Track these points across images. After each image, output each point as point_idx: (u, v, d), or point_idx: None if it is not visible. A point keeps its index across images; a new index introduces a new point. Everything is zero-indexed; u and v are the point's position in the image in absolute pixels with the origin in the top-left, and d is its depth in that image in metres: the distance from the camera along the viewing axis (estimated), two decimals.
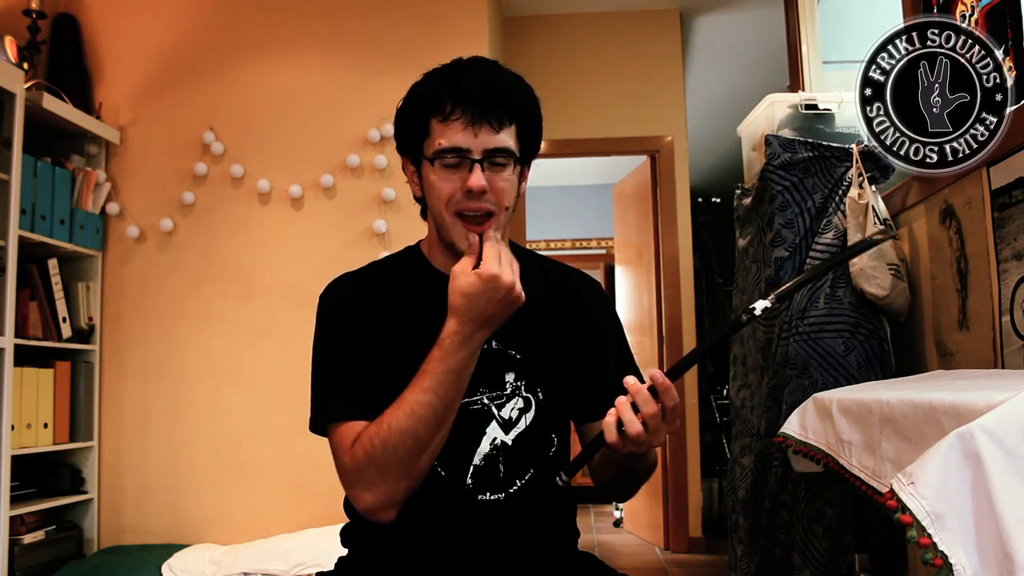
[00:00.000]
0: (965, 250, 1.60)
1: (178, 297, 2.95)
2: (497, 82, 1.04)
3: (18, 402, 2.44)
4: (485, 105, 1.01)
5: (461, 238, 1.03)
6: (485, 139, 1.01)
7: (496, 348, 1.10)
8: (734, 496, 2.16)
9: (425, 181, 1.07)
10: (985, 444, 0.67)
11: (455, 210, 1.03)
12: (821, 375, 1.79)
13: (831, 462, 1.15)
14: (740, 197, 2.27)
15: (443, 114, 1.02)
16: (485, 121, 1.01)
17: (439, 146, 1.02)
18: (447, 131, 1.02)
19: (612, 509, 4.74)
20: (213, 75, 3.04)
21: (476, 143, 1.01)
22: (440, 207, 1.04)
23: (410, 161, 1.11)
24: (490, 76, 1.04)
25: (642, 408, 0.89)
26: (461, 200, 1.02)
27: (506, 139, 1.03)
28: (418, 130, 1.06)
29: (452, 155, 1.02)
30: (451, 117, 1.02)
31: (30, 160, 2.55)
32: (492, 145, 1.02)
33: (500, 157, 1.03)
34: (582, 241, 6.33)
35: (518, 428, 1.09)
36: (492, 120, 1.02)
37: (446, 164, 1.03)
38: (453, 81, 1.03)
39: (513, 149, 1.04)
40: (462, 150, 1.01)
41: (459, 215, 1.03)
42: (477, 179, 1.00)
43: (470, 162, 1.01)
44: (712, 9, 3.90)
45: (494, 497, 1.07)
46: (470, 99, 1.01)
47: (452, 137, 1.01)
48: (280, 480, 2.80)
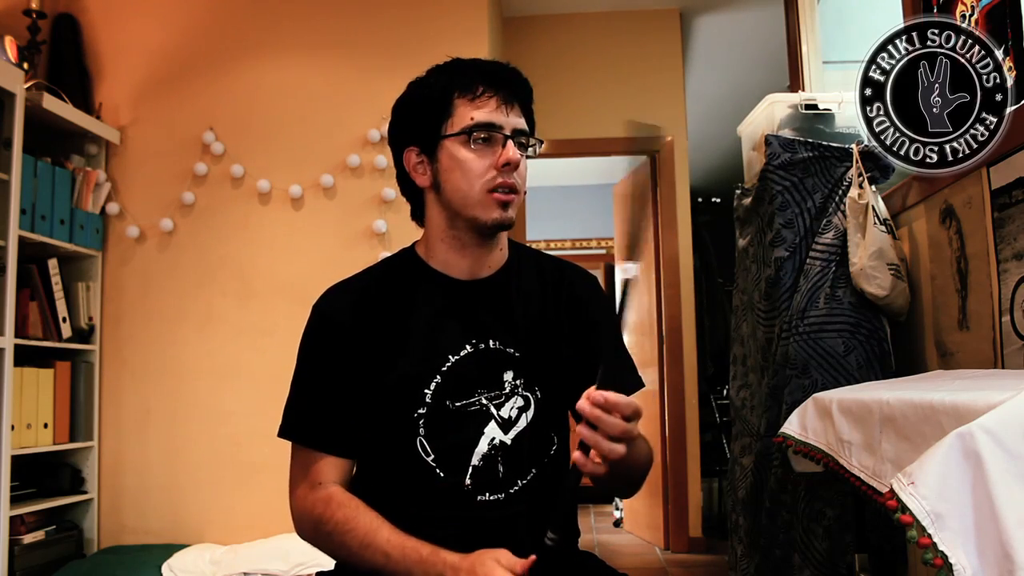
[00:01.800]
0: (965, 250, 1.60)
1: (178, 297, 2.95)
2: (515, 70, 1.08)
3: (18, 402, 2.44)
4: (512, 87, 1.06)
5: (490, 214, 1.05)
6: (514, 119, 1.06)
7: (494, 347, 1.10)
8: (734, 496, 2.16)
9: (448, 161, 1.06)
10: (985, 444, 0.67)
11: (489, 187, 1.04)
12: (821, 375, 1.79)
13: (831, 462, 1.15)
14: (740, 197, 2.27)
15: (473, 92, 1.05)
16: (515, 101, 1.06)
17: (472, 121, 1.04)
18: (479, 109, 1.04)
19: (612, 509, 4.74)
20: (213, 75, 3.04)
21: (508, 121, 1.05)
22: (470, 184, 1.05)
23: (417, 149, 1.10)
24: (507, 66, 1.09)
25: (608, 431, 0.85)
26: (496, 176, 1.04)
27: (526, 123, 1.08)
28: (437, 112, 1.06)
29: (485, 130, 1.04)
30: (482, 95, 1.04)
31: (30, 160, 2.55)
32: (519, 125, 1.06)
33: (524, 139, 1.07)
34: (582, 241, 6.33)
35: (518, 427, 1.09)
36: (518, 102, 1.06)
37: (479, 140, 1.04)
38: (477, 64, 1.07)
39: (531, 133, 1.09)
40: (496, 126, 1.04)
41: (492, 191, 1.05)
42: (512, 152, 1.04)
43: (503, 137, 1.04)
44: (712, 9, 3.90)
45: (493, 497, 1.07)
46: (499, 80, 1.05)
47: (485, 114, 1.04)
48: (280, 480, 2.75)
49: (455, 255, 1.11)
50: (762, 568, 1.94)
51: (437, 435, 1.06)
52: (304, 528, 1.06)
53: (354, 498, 1.04)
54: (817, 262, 1.88)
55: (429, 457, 1.06)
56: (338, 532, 1.00)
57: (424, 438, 1.06)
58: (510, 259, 1.16)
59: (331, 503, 1.03)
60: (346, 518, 1.00)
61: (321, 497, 1.04)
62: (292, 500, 1.08)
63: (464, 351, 1.08)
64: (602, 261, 6.14)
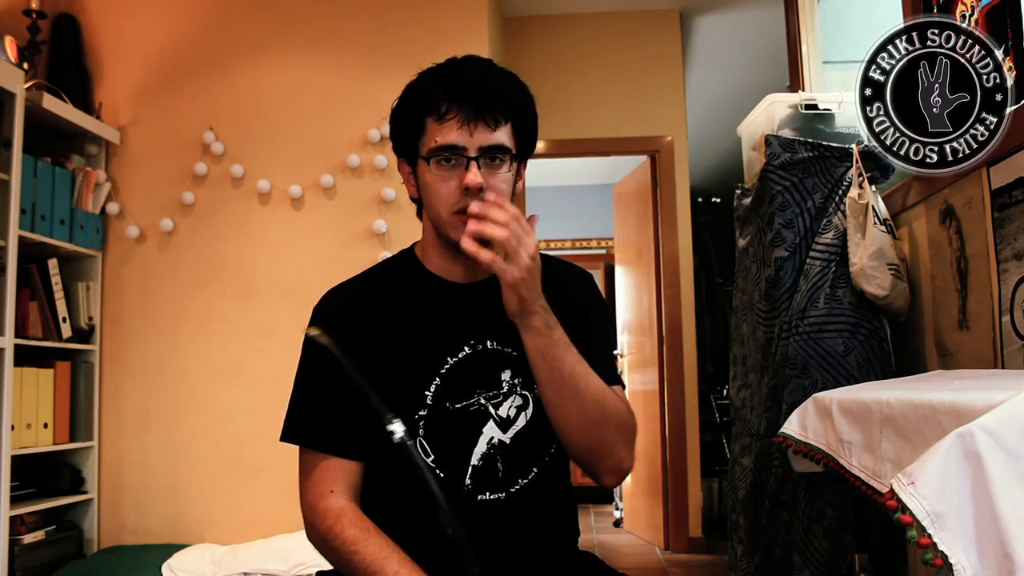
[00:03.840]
0: (965, 250, 1.60)
1: (178, 297, 2.95)
2: (491, 80, 1.04)
3: (18, 402, 2.44)
4: (479, 103, 1.01)
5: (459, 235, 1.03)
6: (481, 137, 1.01)
7: (492, 347, 1.10)
8: (734, 496, 2.16)
9: (421, 181, 1.07)
10: (985, 444, 0.67)
11: (455, 209, 1.03)
12: (821, 375, 1.79)
13: (831, 462, 1.15)
14: (740, 197, 2.27)
15: (438, 113, 1.02)
16: (480, 119, 1.01)
17: (435, 144, 1.02)
18: (442, 129, 1.02)
19: (612, 509, 4.74)
20: (213, 75, 3.04)
21: (472, 141, 1.01)
22: (439, 207, 1.04)
23: (406, 161, 1.11)
24: (484, 74, 1.04)
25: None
26: (460, 199, 1.02)
27: (501, 137, 1.03)
28: (413, 129, 1.06)
29: (448, 153, 1.02)
30: (446, 116, 1.02)
31: (30, 160, 2.55)
32: (488, 143, 1.02)
33: (496, 155, 1.03)
34: (582, 241, 6.33)
35: (517, 426, 1.09)
36: (487, 118, 1.02)
37: (442, 162, 1.03)
38: (447, 80, 1.03)
39: (509, 146, 1.04)
40: (458, 148, 1.01)
41: (459, 213, 1.03)
42: (474, 176, 1.00)
43: (466, 160, 1.01)
44: (712, 9, 3.90)
45: (494, 497, 1.07)
46: (465, 97, 1.01)
47: (447, 135, 1.01)
48: (280, 480, 2.79)
49: (447, 262, 1.11)
50: (762, 568, 1.94)
51: (437, 436, 1.06)
52: (313, 537, 1.05)
53: (367, 520, 1.01)
54: (817, 262, 1.88)
55: (429, 458, 1.06)
56: (345, 551, 0.98)
57: (424, 439, 1.06)
58: None
59: (342, 519, 1.00)
60: (355, 539, 0.98)
61: (332, 509, 1.02)
62: (302, 506, 1.07)
63: (463, 352, 1.09)
64: (602, 261, 6.14)
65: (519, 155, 1.08)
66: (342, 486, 1.05)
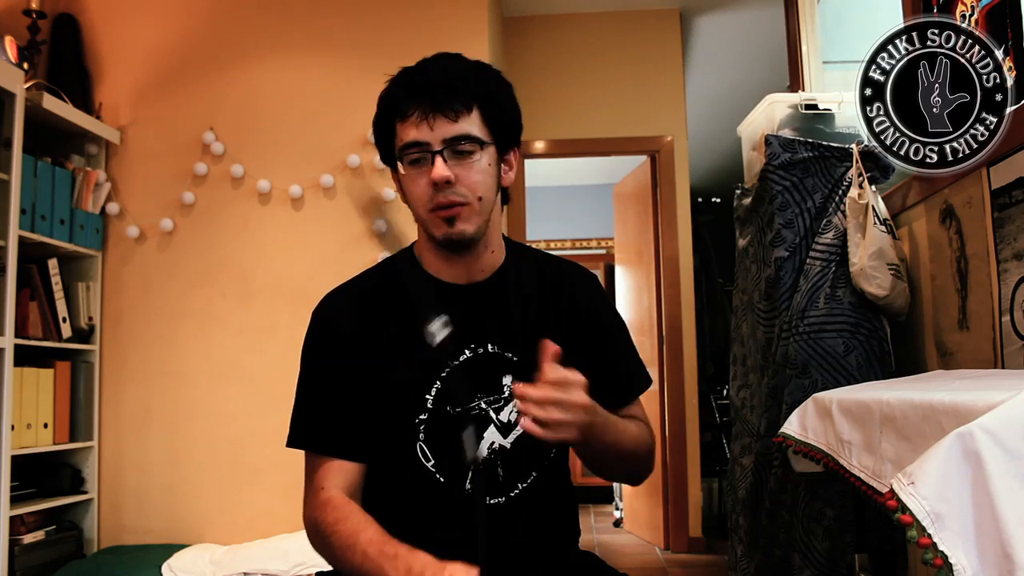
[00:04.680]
0: (965, 250, 1.60)
1: (178, 297, 2.95)
2: (451, 72, 1.04)
3: (18, 402, 2.44)
4: (436, 96, 1.02)
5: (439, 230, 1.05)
6: (442, 129, 1.02)
7: (493, 352, 1.09)
8: (734, 496, 2.16)
9: (401, 183, 1.08)
10: (985, 444, 0.67)
11: (430, 207, 1.04)
12: (821, 375, 1.79)
13: (831, 462, 1.15)
14: (740, 197, 2.27)
15: (401, 114, 1.04)
16: (439, 111, 1.01)
17: (401, 143, 1.04)
18: (406, 128, 1.03)
19: (612, 509, 4.74)
20: (213, 75, 3.04)
21: (433, 135, 1.02)
22: (416, 205, 1.06)
23: (391, 168, 1.12)
24: (444, 68, 1.05)
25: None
26: (433, 195, 1.03)
27: (466, 126, 1.02)
28: (387, 135, 1.08)
29: (413, 150, 1.03)
30: (408, 114, 1.03)
31: (30, 160, 2.55)
32: (450, 134, 1.02)
33: (463, 144, 1.02)
34: (582, 241, 6.33)
35: (517, 431, 1.08)
36: (446, 110, 1.02)
37: (412, 161, 1.04)
38: (407, 80, 1.05)
39: (477, 135, 1.03)
40: (420, 143, 1.02)
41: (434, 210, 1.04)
42: (438, 169, 1.01)
43: (431, 155, 1.02)
44: (712, 9, 3.90)
45: (494, 501, 1.07)
46: (423, 94, 1.02)
47: (409, 132, 1.03)
48: (280, 480, 2.79)
49: (442, 263, 1.12)
50: (762, 568, 1.94)
51: (437, 440, 1.06)
52: (310, 537, 1.04)
53: (351, 503, 1.02)
54: (817, 262, 1.88)
55: (429, 462, 1.05)
56: (327, 534, 0.99)
57: (424, 443, 1.06)
58: (507, 260, 1.15)
59: (327, 507, 1.01)
60: (336, 520, 0.99)
61: (320, 501, 1.02)
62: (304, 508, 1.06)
63: (463, 356, 1.08)
64: (602, 261, 6.14)
65: (498, 143, 1.07)
66: (337, 483, 1.04)
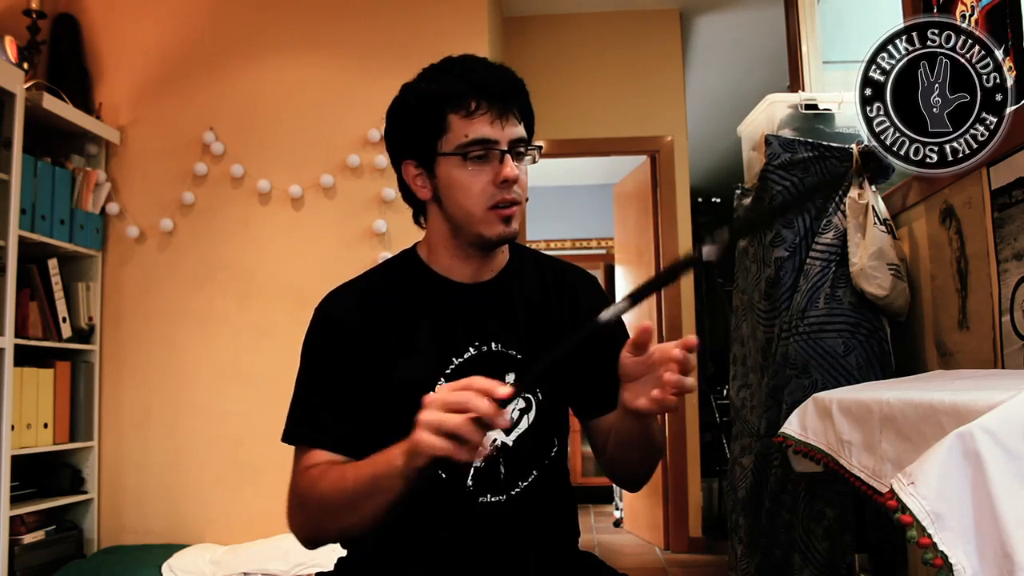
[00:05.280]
0: (965, 250, 1.60)
1: (178, 297, 2.95)
2: (508, 75, 1.07)
3: (18, 402, 2.44)
4: (505, 97, 1.04)
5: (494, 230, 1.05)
6: (510, 130, 1.04)
7: (496, 349, 1.10)
8: (734, 496, 2.16)
9: (446, 179, 1.05)
10: (985, 444, 0.67)
11: (490, 204, 1.04)
12: (821, 375, 1.79)
13: (831, 462, 1.15)
14: (740, 197, 2.27)
15: (466, 109, 1.02)
16: (509, 112, 1.04)
17: (467, 138, 1.02)
18: (472, 125, 1.02)
19: (612, 509, 4.74)
20: (213, 75, 3.04)
21: (503, 134, 1.03)
22: (471, 203, 1.04)
23: (415, 163, 1.09)
24: (501, 71, 1.07)
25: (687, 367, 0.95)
26: (495, 193, 1.03)
27: (523, 131, 1.06)
28: (431, 128, 1.05)
29: (481, 147, 1.03)
30: (476, 111, 1.02)
31: (30, 160, 2.55)
32: (516, 136, 1.04)
33: (523, 148, 1.06)
34: (582, 241, 6.33)
35: (519, 429, 1.09)
36: (515, 111, 1.05)
37: (474, 157, 1.03)
38: (468, 76, 1.04)
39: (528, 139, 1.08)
40: (491, 141, 1.03)
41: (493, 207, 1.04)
42: (511, 169, 1.03)
43: (500, 153, 1.03)
44: (712, 9, 3.90)
45: (495, 499, 1.07)
46: (492, 93, 1.03)
47: (480, 129, 1.02)
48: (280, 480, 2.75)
49: (458, 262, 1.11)
50: (762, 568, 1.94)
51: None
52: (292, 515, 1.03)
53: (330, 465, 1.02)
54: (817, 262, 1.88)
55: None
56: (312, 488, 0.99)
57: None
58: (511, 261, 1.16)
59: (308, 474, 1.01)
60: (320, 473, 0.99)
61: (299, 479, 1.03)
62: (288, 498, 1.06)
63: (468, 353, 1.08)
64: (602, 261, 6.14)
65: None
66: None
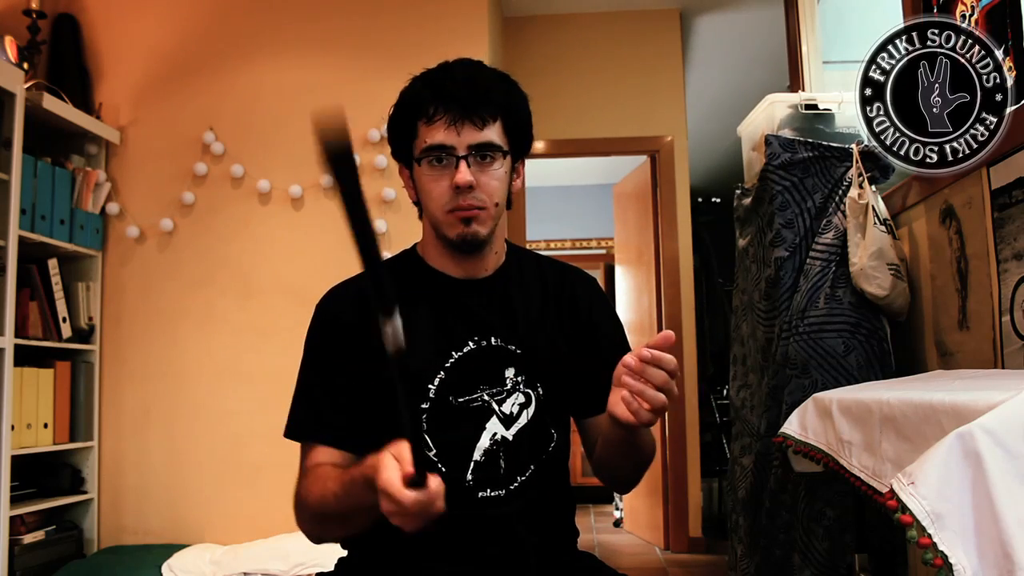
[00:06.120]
0: (965, 250, 1.60)
1: (178, 297, 2.95)
2: (478, 80, 1.07)
3: (18, 402, 2.44)
4: (465, 103, 1.04)
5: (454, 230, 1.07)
6: (468, 136, 1.05)
7: (496, 344, 1.11)
8: (734, 496, 2.16)
9: (418, 183, 1.10)
10: (985, 444, 0.67)
11: (447, 208, 1.06)
12: (821, 375, 1.79)
13: (831, 462, 1.15)
14: (740, 197, 2.27)
15: (427, 115, 1.05)
16: (467, 119, 1.04)
17: (424, 144, 1.06)
18: (431, 131, 1.05)
19: (612, 509, 4.74)
20: (213, 75, 3.04)
21: (459, 140, 1.04)
22: (433, 206, 1.08)
23: (404, 165, 1.13)
24: (471, 75, 1.07)
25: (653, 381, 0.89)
26: (453, 197, 1.05)
27: (490, 135, 1.06)
28: (406, 134, 1.09)
29: (437, 153, 1.05)
30: (434, 117, 1.05)
31: (30, 160, 2.55)
32: (476, 141, 1.05)
33: (486, 152, 1.06)
34: (582, 241, 6.33)
35: (519, 423, 1.10)
36: (474, 117, 1.05)
37: (433, 163, 1.06)
38: (435, 83, 1.07)
39: (499, 143, 1.07)
40: (446, 147, 1.05)
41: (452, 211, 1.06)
42: (463, 175, 1.04)
43: (455, 159, 1.04)
44: (712, 9, 3.90)
45: (495, 494, 1.08)
46: (452, 99, 1.04)
47: (435, 135, 1.05)
48: (280, 480, 2.78)
49: (448, 260, 1.14)
50: (762, 568, 1.94)
51: (439, 430, 1.07)
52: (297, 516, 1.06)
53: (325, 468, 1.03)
54: (817, 262, 1.88)
55: (431, 452, 1.06)
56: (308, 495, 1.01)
57: (426, 433, 1.07)
58: (509, 261, 1.18)
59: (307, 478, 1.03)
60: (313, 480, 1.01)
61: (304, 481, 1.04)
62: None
63: (467, 347, 1.10)
64: (602, 261, 6.14)
65: (513, 152, 1.11)
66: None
